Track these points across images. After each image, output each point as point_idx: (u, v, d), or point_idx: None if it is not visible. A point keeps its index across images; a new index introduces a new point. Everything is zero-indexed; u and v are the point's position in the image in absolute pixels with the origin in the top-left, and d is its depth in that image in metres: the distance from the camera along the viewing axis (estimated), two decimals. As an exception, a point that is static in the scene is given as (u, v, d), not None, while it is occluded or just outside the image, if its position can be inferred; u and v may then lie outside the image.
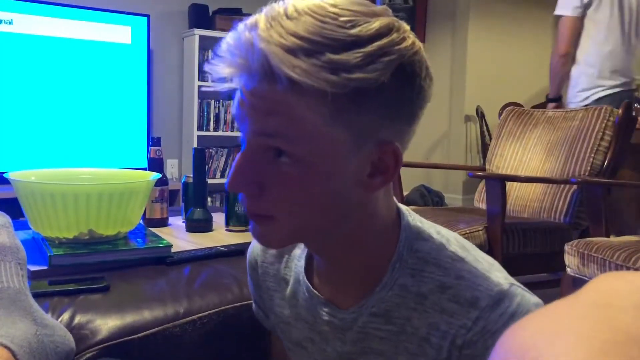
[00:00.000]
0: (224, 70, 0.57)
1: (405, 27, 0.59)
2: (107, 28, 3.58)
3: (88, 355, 0.88)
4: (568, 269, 1.91)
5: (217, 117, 4.14)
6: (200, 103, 4.06)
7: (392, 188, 0.67)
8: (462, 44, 5.02)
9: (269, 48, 0.53)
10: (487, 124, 4.53)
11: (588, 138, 2.29)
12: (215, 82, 0.60)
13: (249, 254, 0.83)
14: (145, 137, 3.75)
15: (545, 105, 2.89)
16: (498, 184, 2.02)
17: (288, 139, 0.56)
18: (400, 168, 0.60)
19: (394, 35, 0.56)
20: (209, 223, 1.53)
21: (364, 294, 0.66)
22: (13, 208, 1.29)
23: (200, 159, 1.56)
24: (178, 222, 1.61)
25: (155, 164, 1.56)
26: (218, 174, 4.20)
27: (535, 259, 2.14)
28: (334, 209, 0.60)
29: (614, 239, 1.94)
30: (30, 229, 1.26)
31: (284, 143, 0.56)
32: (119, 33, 3.63)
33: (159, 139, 1.61)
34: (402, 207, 0.68)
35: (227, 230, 1.53)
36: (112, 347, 0.89)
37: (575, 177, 2.22)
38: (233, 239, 1.41)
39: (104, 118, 3.63)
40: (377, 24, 0.55)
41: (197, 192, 1.54)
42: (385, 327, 0.65)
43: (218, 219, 1.58)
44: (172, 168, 4.12)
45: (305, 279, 0.72)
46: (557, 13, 2.80)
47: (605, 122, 2.27)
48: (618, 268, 1.73)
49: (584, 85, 2.80)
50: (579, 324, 0.26)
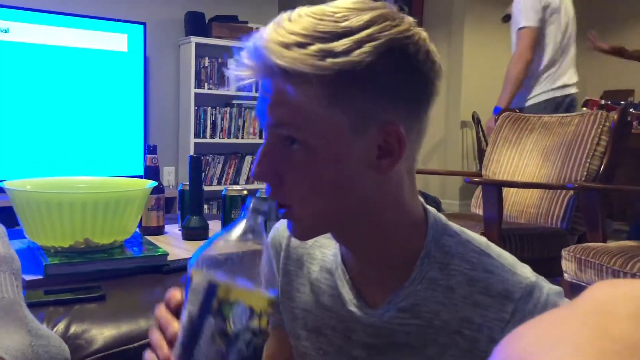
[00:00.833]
0: (237, 73, 0.63)
1: (405, 17, 0.61)
2: (103, 36, 3.59)
3: (84, 366, 0.87)
4: (565, 275, 1.91)
5: (213, 124, 4.14)
6: (197, 110, 4.06)
7: (415, 185, 0.69)
8: (457, 50, 5.04)
9: (266, 45, 0.59)
10: (483, 130, 4.55)
11: (584, 143, 2.30)
12: (235, 83, 0.65)
13: (272, 238, 0.83)
14: (142, 144, 3.75)
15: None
16: (495, 190, 2.03)
17: (295, 127, 0.60)
18: (405, 149, 0.62)
19: (386, 23, 0.59)
20: (206, 231, 1.52)
21: (392, 289, 0.67)
22: (8, 217, 1.29)
23: (197, 167, 1.55)
24: (174, 230, 1.61)
25: (152, 172, 1.56)
26: (215, 182, 4.19)
27: (532, 265, 2.13)
28: (349, 195, 0.63)
29: (611, 244, 1.94)
30: (26, 238, 1.25)
31: (292, 131, 0.60)
32: (116, 41, 3.64)
33: (155, 147, 1.60)
34: (426, 205, 0.70)
35: (223, 238, 1.52)
36: (108, 356, 0.89)
37: (572, 182, 2.22)
38: (230, 247, 1.40)
39: (101, 126, 3.62)
40: (369, 15, 0.59)
41: (193, 199, 1.54)
42: (412, 321, 0.65)
43: (214, 227, 1.58)
44: (168, 175, 4.12)
45: (341, 270, 0.72)
46: (522, 25, 2.99)
47: (601, 127, 2.28)
48: (615, 273, 1.73)
49: (525, 92, 3.07)
50: (576, 333, 0.26)
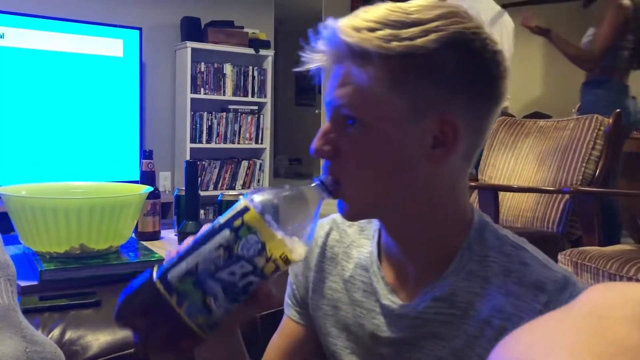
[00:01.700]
0: (310, 57, 0.67)
1: (475, 18, 0.64)
2: (99, 41, 3.59)
3: (79, 372, 0.87)
4: (562, 279, 1.91)
5: (209, 129, 4.14)
6: (193, 115, 4.06)
7: (468, 184, 0.71)
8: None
9: (339, 27, 0.63)
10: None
11: (579, 148, 2.30)
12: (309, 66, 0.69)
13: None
14: (138, 149, 3.74)
15: (537, 116, 2.99)
16: (491, 194, 2.03)
17: (354, 107, 0.63)
18: (460, 142, 0.64)
19: (455, 19, 0.62)
20: (202, 236, 1.52)
21: (428, 282, 0.68)
22: (3, 222, 1.28)
23: (193, 172, 1.55)
24: (170, 235, 1.61)
25: (147, 177, 1.55)
26: (211, 186, 4.19)
27: (529, 269, 2.14)
28: (399, 179, 0.65)
29: (607, 248, 1.94)
30: (21, 244, 1.25)
31: (353, 110, 0.64)
32: (111, 46, 3.63)
33: (151, 152, 1.60)
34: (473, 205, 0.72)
35: (219, 243, 1.51)
36: (103, 363, 0.88)
37: (568, 186, 2.23)
38: (226, 252, 1.40)
39: (96, 131, 3.62)
40: (439, 10, 0.63)
41: (189, 205, 1.53)
42: (449, 310, 0.66)
43: (211, 232, 1.57)
44: (164, 181, 4.11)
45: (377, 266, 0.74)
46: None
47: (596, 131, 2.29)
48: (611, 277, 1.73)
49: None
50: (573, 337, 0.26)
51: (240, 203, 0.61)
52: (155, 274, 0.60)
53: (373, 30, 0.62)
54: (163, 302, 0.58)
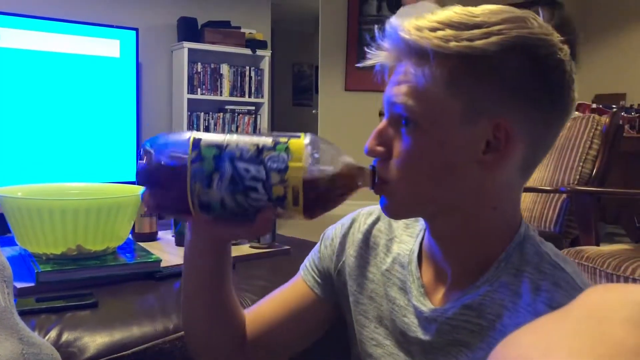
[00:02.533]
0: (377, 54, 0.67)
1: (545, 25, 0.63)
2: (95, 42, 3.58)
3: (76, 374, 0.86)
4: (559, 278, 1.91)
5: (206, 129, 4.13)
6: (190, 116, 4.05)
7: (521, 190, 0.70)
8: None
9: (401, 25, 0.63)
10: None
11: (576, 147, 2.31)
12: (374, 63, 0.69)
13: (354, 214, 0.86)
14: (135, 150, 3.74)
15: None
16: (488, 194, 2.02)
17: (408, 106, 0.63)
18: (513, 149, 0.63)
19: (521, 24, 0.61)
20: (199, 237, 1.51)
21: (463, 288, 0.68)
22: None
23: (190, 173, 1.55)
24: (167, 236, 1.60)
25: (144, 178, 1.55)
26: (208, 187, 4.18)
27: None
28: (448, 182, 0.64)
29: (604, 248, 1.94)
30: (17, 245, 1.24)
31: (406, 109, 0.63)
32: (108, 47, 3.63)
33: (148, 153, 1.59)
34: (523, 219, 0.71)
35: (217, 244, 1.51)
36: (100, 364, 0.88)
37: (565, 186, 2.23)
38: (223, 253, 1.40)
39: (93, 132, 3.61)
40: (505, 15, 0.62)
41: (186, 205, 1.53)
42: (476, 320, 0.66)
43: (208, 233, 1.57)
44: (161, 181, 4.11)
45: (415, 266, 0.74)
46: None
47: (593, 131, 2.29)
48: (608, 276, 1.73)
49: None
50: (572, 339, 0.26)
51: (300, 134, 0.66)
52: (195, 131, 0.67)
53: (434, 30, 0.61)
54: (183, 148, 0.64)
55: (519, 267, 0.65)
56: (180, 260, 1.30)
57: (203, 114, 4.11)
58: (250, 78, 4.32)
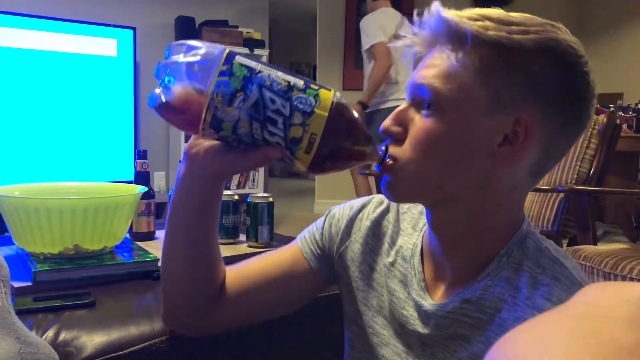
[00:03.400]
0: (412, 40, 0.68)
1: (574, 39, 0.65)
2: (93, 41, 3.57)
3: (73, 373, 0.86)
4: (556, 277, 1.91)
5: (204, 129, 4.13)
6: (188, 115, 4.05)
7: (527, 193, 0.71)
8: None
9: (444, 12, 0.64)
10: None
11: (574, 147, 2.31)
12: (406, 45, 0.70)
13: (365, 199, 0.87)
14: (132, 150, 3.73)
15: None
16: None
17: (434, 88, 0.64)
18: (529, 144, 0.64)
19: (555, 30, 0.64)
20: (197, 236, 1.51)
21: (464, 283, 0.68)
22: (-3, 223, 1.28)
23: (187, 172, 1.55)
24: (165, 235, 1.60)
25: (142, 177, 1.55)
26: (206, 186, 4.17)
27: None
28: (458, 171, 0.65)
29: (602, 247, 1.95)
30: (15, 245, 1.24)
31: (431, 91, 0.64)
32: (105, 46, 3.62)
33: (146, 152, 1.60)
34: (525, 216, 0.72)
35: (214, 243, 1.51)
36: (98, 364, 0.88)
37: (562, 185, 2.23)
38: (221, 252, 1.40)
39: (90, 131, 3.60)
40: (540, 20, 0.64)
41: (184, 205, 1.53)
42: (476, 314, 0.66)
43: (206, 232, 1.57)
44: (159, 180, 4.10)
45: (417, 260, 0.74)
46: (371, 44, 3.68)
47: (591, 130, 2.29)
48: (606, 275, 1.74)
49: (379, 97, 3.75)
50: (568, 337, 0.26)
51: (333, 89, 0.67)
52: (232, 48, 0.67)
53: (475, 20, 0.63)
54: (214, 59, 0.65)
55: (520, 262, 0.66)
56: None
57: (201, 113, 4.11)
58: (248, 77, 4.32)
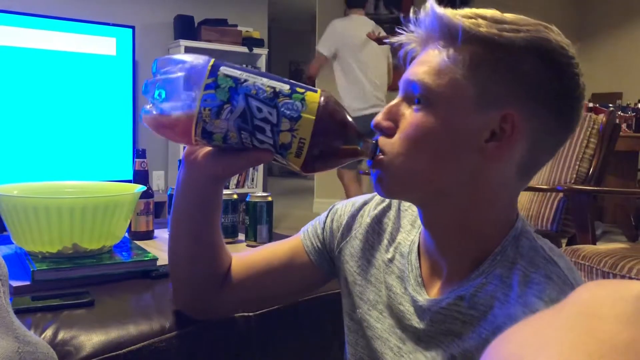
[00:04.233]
0: (400, 39, 0.70)
1: (566, 40, 0.66)
2: (91, 40, 3.57)
3: (72, 372, 0.86)
4: (555, 277, 1.91)
5: (203, 128, 4.13)
6: (187, 114, 4.05)
7: (519, 191, 0.71)
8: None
9: (438, 9, 0.65)
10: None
11: (573, 146, 2.31)
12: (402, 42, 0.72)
13: (367, 196, 0.89)
14: (131, 148, 3.73)
15: None
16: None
17: (425, 84, 0.65)
18: (516, 140, 0.64)
19: (547, 31, 0.64)
20: (196, 235, 1.51)
21: (458, 280, 0.69)
22: (-5, 222, 1.28)
23: (186, 171, 1.54)
24: (164, 234, 1.60)
25: (141, 176, 1.55)
26: (205, 186, 4.17)
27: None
28: (447, 165, 0.66)
29: (601, 246, 1.95)
30: (13, 244, 1.24)
31: (422, 87, 0.65)
32: (104, 45, 3.62)
33: (144, 151, 1.60)
34: (520, 215, 0.72)
35: (213, 242, 1.51)
36: (96, 363, 0.88)
37: (562, 185, 2.23)
38: (220, 251, 1.40)
39: (89, 130, 3.60)
40: (532, 21, 0.65)
41: (183, 204, 1.53)
42: (468, 311, 0.66)
43: (204, 231, 1.56)
44: (158, 180, 4.10)
45: (415, 256, 0.75)
46: (317, 49, 4.10)
47: (590, 130, 2.29)
48: (605, 275, 1.74)
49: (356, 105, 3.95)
50: (564, 336, 0.26)
51: (318, 89, 0.68)
52: (215, 59, 0.67)
53: (468, 18, 0.64)
54: (199, 73, 0.64)
55: (513, 260, 0.66)
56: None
57: (200, 113, 4.11)
58: (247, 76, 4.32)
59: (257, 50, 4.29)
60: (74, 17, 3.55)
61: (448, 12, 0.65)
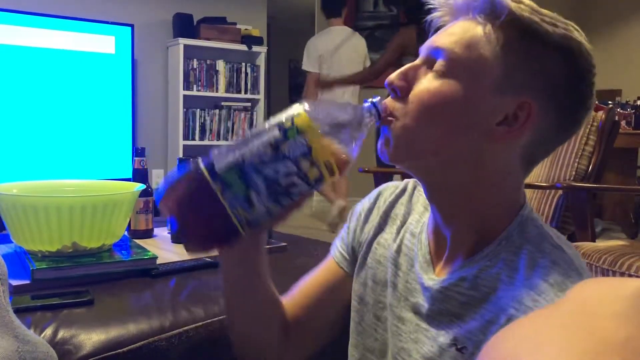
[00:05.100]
0: (440, 8, 0.69)
1: (589, 46, 0.67)
2: (90, 38, 3.57)
3: (72, 371, 0.86)
4: (555, 274, 1.91)
5: (202, 126, 4.13)
6: (186, 112, 4.04)
7: (523, 179, 0.71)
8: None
9: None
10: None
11: (572, 143, 2.31)
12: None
13: (381, 187, 0.88)
14: (130, 147, 3.73)
15: None
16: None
17: (454, 53, 0.64)
18: (527, 129, 0.64)
19: (579, 33, 0.66)
20: (195, 233, 1.51)
21: (462, 260, 0.69)
22: (-5, 221, 1.27)
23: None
24: (163, 233, 1.60)
25: (140, 175, 1.55)
26: (204, 184, 4.17)
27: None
28: (454, 136, 0.65)
29: (600, 244, 1.95)
30: (13, 243, 1.24)
31: (450, 54, 0.64)
32: (103, 43, 3.61)
33: (144, 150, 1.59)
34: (528, 203, 0.71)
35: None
36: (96, 362, 0.88)
37: (561, 182, 2.23)
38: (219, 250, 1.40)
39: (88, 129, 3.60)
40: (566, 20, 0.65)
41: (182, 202, 1.53)
42: (469, 292, 0.66)
43: (204, 230, 1.56)
44: (157, 178, 4.10)
45: (425, 235, 0.75)
46: (306, 69, 4.22)
47: (589, 127, 2.29)
48: (604, 272, 1.74)
49: None
50: (561, 334, 0.26)
51: (294, 107, 0.63)
52: (202, 162, 0.62)
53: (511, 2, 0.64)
54: (208, 188, 0.60)
55: (520, 245, 0.66)
56: (175, 257, 1.30)
57: (199, 111, 4.10)
58: (246, 74, 4.31)
59: (256, 48, 4.29)
60: (73, 15, 3.55)
61: None
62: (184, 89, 4.00)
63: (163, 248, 1.42)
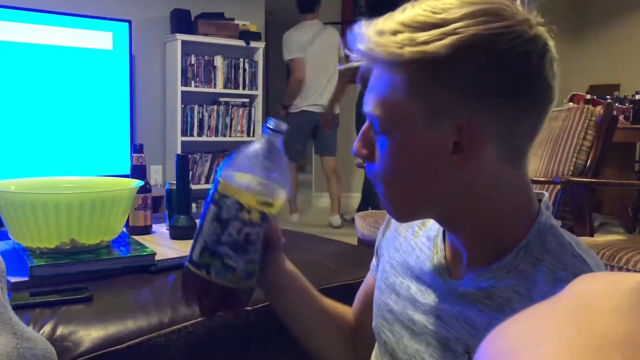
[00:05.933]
0: (350, 55, 0.68)
1: (519, 13, 0.61)
2: (88, 34, 3.56)
3: (71, 368, 0.86)
4: (553, 269, 1.92)
5: (200, 122, 4.12)
6: (184, 108, 4.04)
7: (529, 182, 0.68)
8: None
9: (365, 32, 0.63)
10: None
11: (571, 138, 2.31)
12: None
13: None
14: (128, 143, 3.72)
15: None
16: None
17: (376, 115, 0.65)
18: (481, 147, 0.62)
19: (482, 19, 0.59)
20: (193, 230, 1.51)
21: (480, 268, 0.68)
22: (-7, 218, 1.27)
23: (183, 166, 1.54)
24: (162, 229, 1.60)
25: (138, 171, 1.55)
26: (203, 180, 4.17)
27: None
28: (428, 183, 0.65)
29: (599, 238, 1.95)
30: (11, 239, 1.24)
31: (374, 118, 0.65)
32: (101, 39, 3.61)
33: (142, 146, 1.59)
34: (543, 206, 0.69)
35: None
36: (95, 358, 0.88)
37: (559, 177, 2.23)
38: (218, 246, 1.39)
39: (86, 125, 3.59)
40: (468, 9, 0.60)
41: (180, 198, 1.53)
42: (485, 301, 0.66)
43: (203, 226, 1.56)
44: (156, 174, 4.10)
45: (440, 239, 0.76)
46: (289, 58, 4.45)
47: (587, 121, 2.29)
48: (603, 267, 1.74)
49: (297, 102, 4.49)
50: (560, 329, 0.26)
51: (216, 179, 0.76)
52: (186, 261, 0.78)
53: (395, 34, 0.61)
54: (198, 277, 0.75)
55: (539, 256, 0.64)
56: (174, 254, 1.30)
57: (197, 107, 4.09)
58: (245, 70, 4.30)
59: (254, 44, 4.28)
60: (71, 11, 3.53)
61: (373, 36, 0.62)
62: (182, 85, 3.99)
63: (162, 244, 1.42)
